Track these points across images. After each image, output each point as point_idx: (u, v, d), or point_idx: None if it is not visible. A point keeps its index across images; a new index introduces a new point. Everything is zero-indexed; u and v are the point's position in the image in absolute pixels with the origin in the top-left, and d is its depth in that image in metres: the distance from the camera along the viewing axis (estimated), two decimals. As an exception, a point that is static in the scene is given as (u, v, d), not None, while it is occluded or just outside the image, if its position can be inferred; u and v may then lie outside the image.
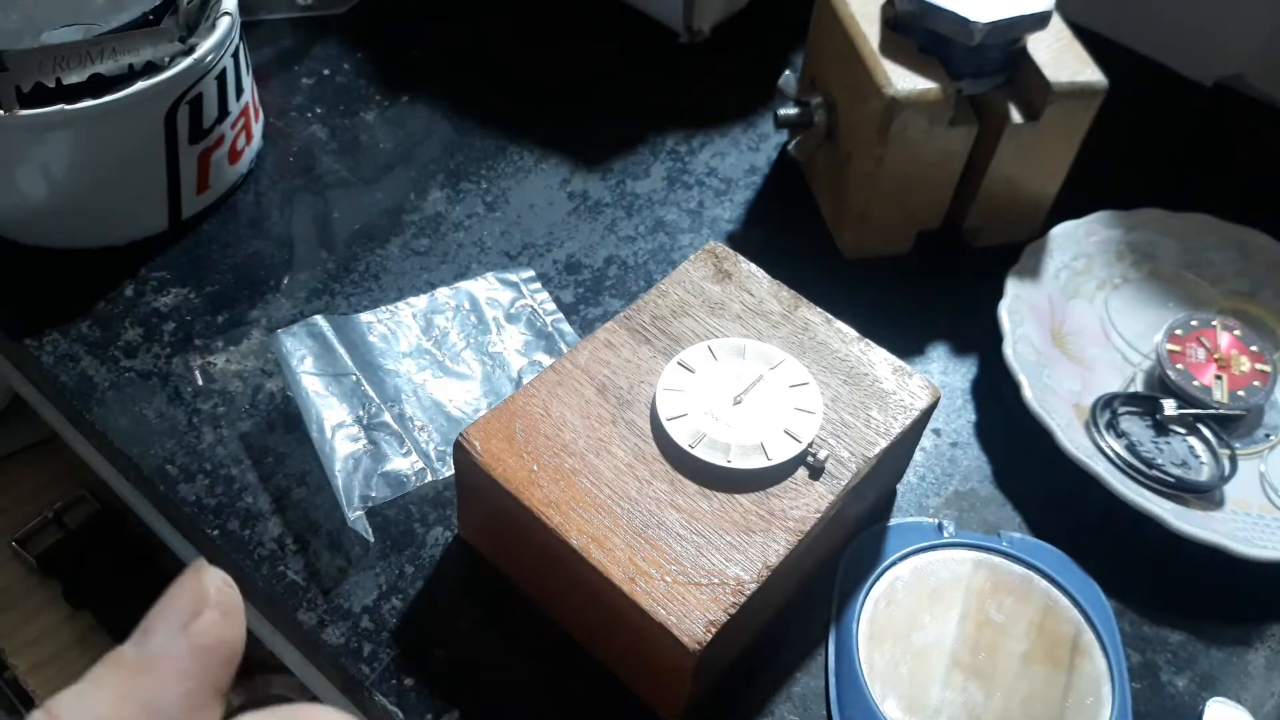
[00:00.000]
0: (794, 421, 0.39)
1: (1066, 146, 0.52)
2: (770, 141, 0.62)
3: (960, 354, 0.53)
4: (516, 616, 0.42)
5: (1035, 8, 0.49)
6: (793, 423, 0.39)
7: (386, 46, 0.65)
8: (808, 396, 0.40)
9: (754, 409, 0.39)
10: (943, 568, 0.43)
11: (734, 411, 0.39)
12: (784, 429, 0.39)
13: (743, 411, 0.39)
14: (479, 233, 0.56)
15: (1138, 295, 0.55)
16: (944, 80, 0.49)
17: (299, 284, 0.53)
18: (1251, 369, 0.50)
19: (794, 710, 0.40)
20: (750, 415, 0.39)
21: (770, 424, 0.39)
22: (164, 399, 0.48)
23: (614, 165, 0.60)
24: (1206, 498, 0.46)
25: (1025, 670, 0.40)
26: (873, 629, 0.41)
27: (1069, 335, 0.52)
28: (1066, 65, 0.50)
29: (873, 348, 0.43)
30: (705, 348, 0.41)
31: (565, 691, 0.40)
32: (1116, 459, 0.46)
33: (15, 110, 0.46)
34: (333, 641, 0.41)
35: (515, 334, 0.50)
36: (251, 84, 0.56)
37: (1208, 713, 0.41)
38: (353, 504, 0.42)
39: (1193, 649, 0.43)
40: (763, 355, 0.41)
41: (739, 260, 0.45)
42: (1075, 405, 0.49)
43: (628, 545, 0.36)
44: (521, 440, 0.39)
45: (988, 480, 0.48)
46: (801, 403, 0.40)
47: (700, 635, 0.34)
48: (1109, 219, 0.56)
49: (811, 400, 0.40)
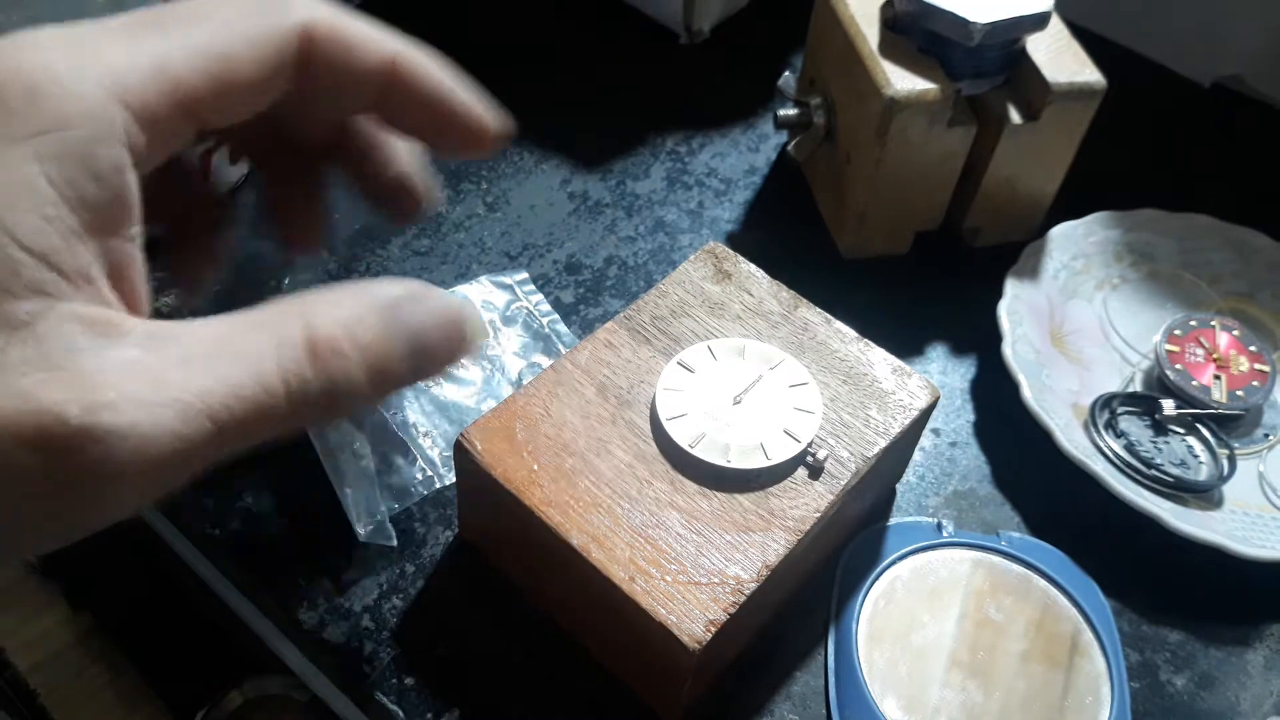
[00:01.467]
0: (793, 421, 0.39)
1: (1065, 147, 0.52)
2: (770, 142, 0.62)
3: (959, 354, 0.53)
4: (516, 616, 0.42)
5: (1035, 8, 0.49)
6: (792, 423, 0.39)
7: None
8: (807, 396, 0.40)
9: (753, 409, 0.40)
10: (942, 567, 0.43)
11: (734, 411, 0.39)
12: (783, 429, 0.39)
13: (742, 411, 0.39)
14: (479, 233, 0.56)
15: (1136, 295, 0.55)
16: (943, 81, 0.49)
17: (300, 284, 0.53)
18: (1250, 369, 0.50)
19: (794, 710, 0.40)
20: (750, 415, 0.39)
21: (770, 424, 0.39)
22: (165, 399, 0.48)
23: (614, 165, 0.60)
24: (1205, 497, 0.46)
25: (1024, 670, 0.40)
26: (872, 628, 0.41)
27: (1068, 335, 0.52)
28: (1065, 65, 0.50)
29: (872, 348, 0.43)
30: (705, 348, 0.41)
31: (565, 691, 0.40)
32: (1115, 459, 0.46)
33: (16, 111, 0.46)
34: (333, 641, 0.41)
35: (513, 336, 0.50)
36: (252, 84, 0.57)
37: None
38: (362, 520, 0.42)
39: (1191, 648, 0.43)
40: (762, 355, 0.41)
41: (739, 260, 0.45)
42: (1074, 405, 0.49)
43: (628, 545, 0.36)
44: (522, 440, 0.39)
45: (987, 480, 0.48)
46: (801, 403, 0.40)
47: (700, 634, 0.34)
48: (1108, 219, 0.56)
49: (811, 400, 0.40)
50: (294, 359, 0.23)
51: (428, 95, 0.28)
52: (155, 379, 0.21)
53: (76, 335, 0.21)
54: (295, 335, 0.23)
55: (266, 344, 0.23)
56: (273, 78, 0.26)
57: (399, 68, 0.28)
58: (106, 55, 0.23)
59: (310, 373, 0.23)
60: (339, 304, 0.24)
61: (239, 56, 0.25)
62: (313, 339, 0.23)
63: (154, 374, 0.22)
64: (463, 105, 0.29)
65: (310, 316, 0.23)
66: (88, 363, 0.21)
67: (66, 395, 0.20)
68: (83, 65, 0.23)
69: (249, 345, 0.22)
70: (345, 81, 0.28)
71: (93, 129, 0.22)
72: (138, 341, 0.22)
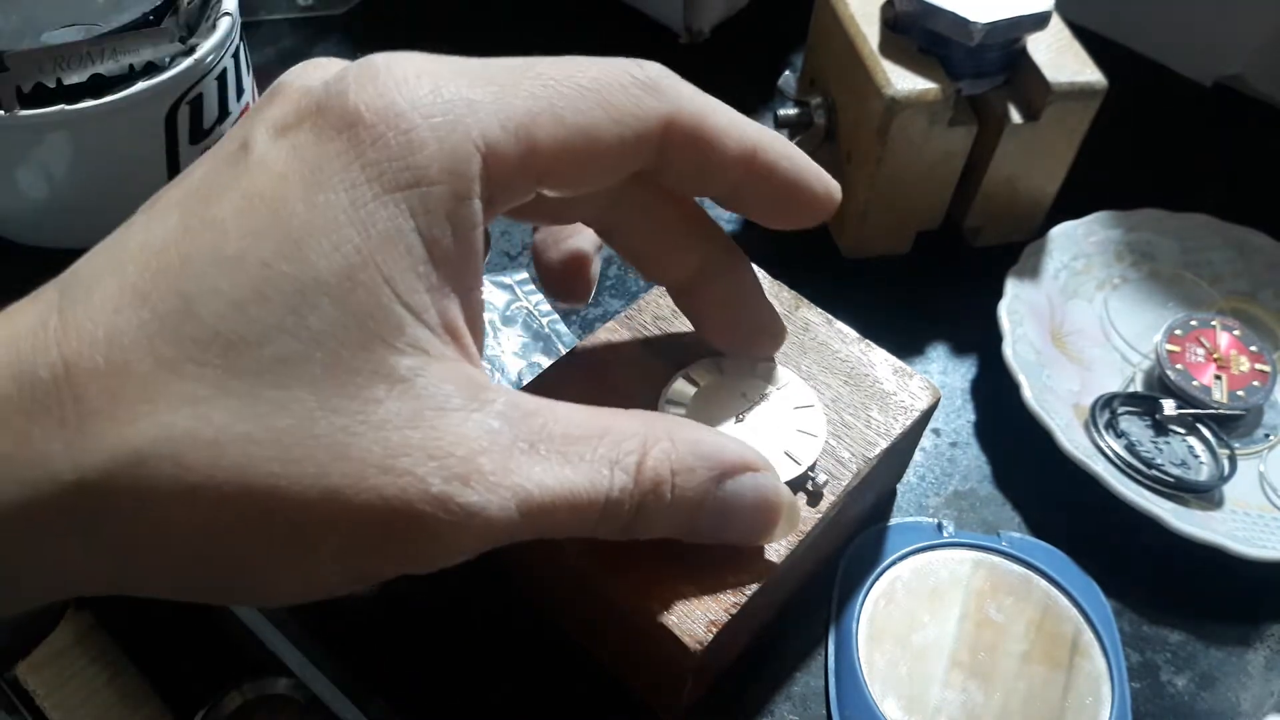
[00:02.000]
0: (795, 444, 0.39)
1: (1066, 146, 0.52)
2: (770, 141, 0.62)
3: (960, 354, 0.53)
4: (516, 617, 0.42)
5: (1035, 8, 0.49)
6: (794, 445, 0.39)
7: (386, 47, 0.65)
8: (812, 420, 0.40)
9: (756, 428, 0.39)
10: (942, 567, 0.43)
11: (736, 429, 0.39)
12: (785, 450, 0.39)
13: (744, 430, 0.39)
14: (479, 233, 0.56)
15: (1137, 295, 0.55)
16: (944, 81, 0.49)
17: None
18: (1251, 369, 0.50)
19: (794, 710, 0.40)
20: (752, 434, 0.39)
21: (771, 444, 0.39)
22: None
23: (614, 165, 0.60)
24: (1206, 497, 0.46)
25: (1025, 670, 0.40)
26: (872, 629, 0.41)
27: (1068, 335, 0.52)
28: (1066, 65, 0.50)
29: (873, 348, 0.43)
30: (714, 362, 0.41)
31: (565, 691, 0.40)
32: (1116, 459, 0.46)
33: (15, 110, 0.46)
34: (333, 641, 0.41)
35: (512, 336, 0.50)
36: (252, 84, 0.56)
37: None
38: None
39: (1192, 649, 0.43)
40: (770, 374, 0.41)
41: (739, 260, 0.45)
42: (1075, 405, 0.49)
43: (628, 545, 0.36)
44: (522, 440, 0.39)
45: (987, 480, 0.48)
46: (805, 425, 0.39)
47: (701, 635, 0.34)
48: (1108, 219, 0.56)
49: (815, 424, 0.39)
50: (624, 486, 0.23)
51: (785, 183, 0.29)
52: (507, 458, 0.22)
53: (451, 395, 0.22)
54: (632, 460, 0.23)
55: (606, 458, 0.23)
56: (629, 160, 0.26)
57: (758, 159, 0.28)
58: (477, 108, 0.23)
59: (628, 502, 0.23)
60: (678, 440, 0.24)
61: (602, 135, 0.25)
62: (642, 466, 0.23)
63: (507, 451, 0.22)
64: (815, 185, 0.30)
65: (650, 442, 0.24)
66: (456, 427, 0.21)
67: (431, 459, 0.21)
68: (455, 116, 0.22)
69: (594, 452, 0.23)
70: (703, 171, 0.28)
71: (458, 185, 0.22)
72: (501, 411, 0.22)
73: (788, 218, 0.31)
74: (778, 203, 0.30)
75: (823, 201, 0.30)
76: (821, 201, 0.31)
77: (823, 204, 0.30)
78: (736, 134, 0.28)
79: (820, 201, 0.31)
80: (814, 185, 0.30)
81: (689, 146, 0.27)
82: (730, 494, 0.25)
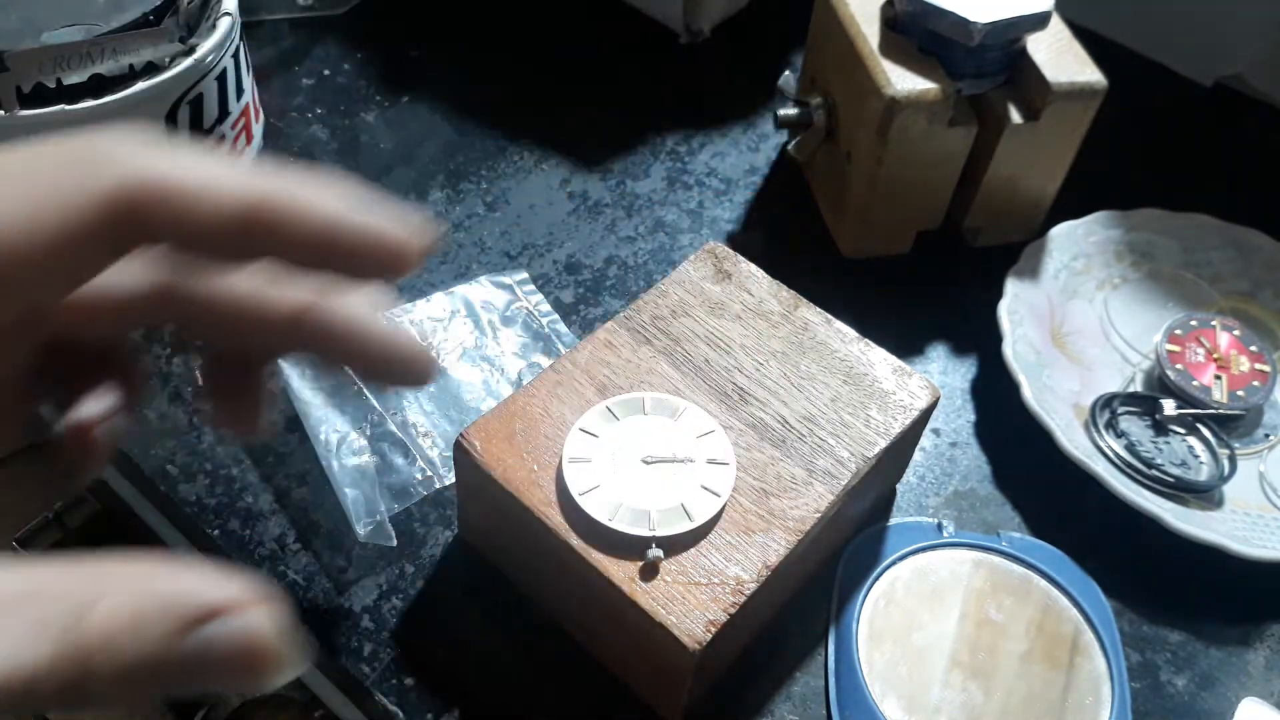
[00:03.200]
0: (709, 475, 0.38)
1: (1066, 146, 0.52)
2: (770, 141, 0.62)
3: (960, 354, 0.53)
4: (516, 616, 0.42)
5: (1035, 8, 0.49)
6: (708, 477, 0.38)
7: (386, 46, 0.65)
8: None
9: (666, 468, 0.38)
10: (942, 567, 0.43)
11: (646, 473, 0.38)
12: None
13: (654, 473, 0.38)
14: (479, 233, 0.56)
15: (1137, 295, 0.55)
16: (944, 80, 0.49)
17: (299, 284, 0.53)
18: (1251, 369, 0.50)
19: (794, 710, 0.40)
20: (663, 475, 0.38)
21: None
22: (164, 399, 0.48)
23: (614, 165, 0.60)
24: (1206, 497, 0.46)
25: (1025, 670, 0.40)
26: (872, 629, 0.41)
27: (1068, 335, 0.52)
28: (1066, 65, 0.50)
29: (872, 348, 0.43)
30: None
31: (565, 691, 0.40)
32: (1116, 459, 0.46)
33: (15, 110, 0.46)
34: (333, 641, 0.41)
35: (512, 336, 0.50)
36: (252, 84, 0.57)
37: (1239, 712, 0.41)
38: (361, 520, 0.42)
39: (1192, 649, 0.43)
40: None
41: (739, 260, 0.45)
42: (1075, 405, 0.49)
43: (628, 545, 0.36)
44: (521, 440, 0.39)
45: (987, 480, 0.48)
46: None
47: (700, 635, 0.34)
48: (1108, 219, 0.56)
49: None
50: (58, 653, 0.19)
51: (317, 232, 0.24)
52: None
53: None
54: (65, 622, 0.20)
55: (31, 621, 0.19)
56: (79, 250, 0.22)
57: (263, 214, 0.23)
58: None
59: (63, 671, 0.19)
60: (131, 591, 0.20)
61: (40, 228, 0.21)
62: (77, 629, 0.19)
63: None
64: (364, 231, 0.24)
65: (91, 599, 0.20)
66: None
67: None
68: None
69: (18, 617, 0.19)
70: (191, 240, 0.23)
71: None
72: None
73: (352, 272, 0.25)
74: (323, 259, 0.24)
75: (385, 246, 0.24)
76: (383, 246, 0.24)
77: (387, 249, 0.24)
78: (227, 189, 0.23)
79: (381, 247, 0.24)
80: (359, 227, 0.24)
81: (164, 214, 0.22)
82: (201, 644, 0.20)
